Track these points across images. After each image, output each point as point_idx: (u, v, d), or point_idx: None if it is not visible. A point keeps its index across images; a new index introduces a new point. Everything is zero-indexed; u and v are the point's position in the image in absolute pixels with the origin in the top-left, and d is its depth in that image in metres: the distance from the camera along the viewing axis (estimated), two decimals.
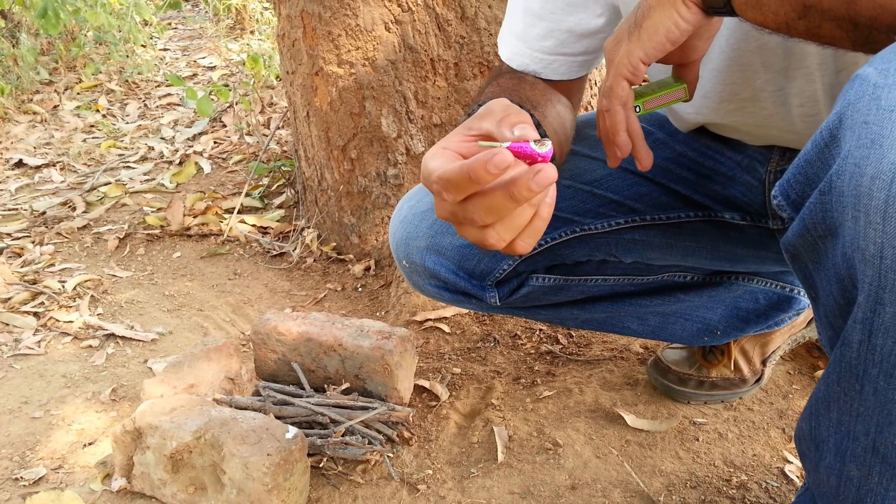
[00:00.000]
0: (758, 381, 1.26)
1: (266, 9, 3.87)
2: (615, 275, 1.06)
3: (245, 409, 1.17)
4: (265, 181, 2.26)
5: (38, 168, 2.54)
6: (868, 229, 0.52)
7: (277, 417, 1.15)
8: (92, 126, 2.95)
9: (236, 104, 2.79)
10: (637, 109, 0.76)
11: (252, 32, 3.89)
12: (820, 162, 0.57)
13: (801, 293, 1.17)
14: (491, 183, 0.54)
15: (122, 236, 2.01)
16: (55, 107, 3.13)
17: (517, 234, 0.58)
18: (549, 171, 0.54)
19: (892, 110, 0.51)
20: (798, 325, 1.26)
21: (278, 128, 2.45)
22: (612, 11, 0.89)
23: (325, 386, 1.24)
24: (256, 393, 1.26)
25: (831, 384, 0.63)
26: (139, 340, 1.56)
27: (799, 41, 0.64)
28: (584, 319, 1.14)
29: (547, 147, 0.56)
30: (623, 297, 1.10)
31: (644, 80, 0.78)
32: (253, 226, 2.04)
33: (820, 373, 1.30)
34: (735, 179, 0.98)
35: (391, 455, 1.17)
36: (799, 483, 1.09)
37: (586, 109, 1.71)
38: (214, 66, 3.53)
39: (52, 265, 1.88)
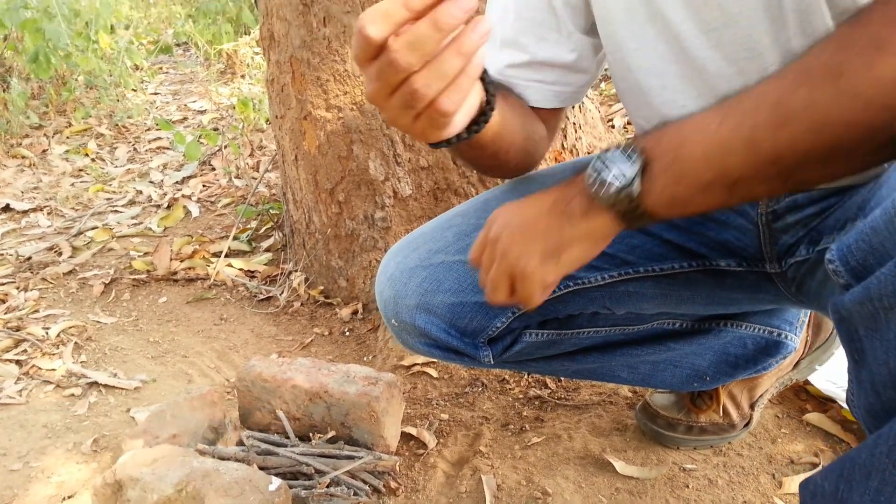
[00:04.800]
0: (746, 425, 1.25)
1: (256, 54, 3.92)
2: (606, 326, 1.06)
3: (228, 459, 1.15)
4: (253, 224, 2.26)
5: (25, 213, 2.54)
6: None
7: (261, 468, 1.13)
8: (81, 170, 2.95)
9: (225, 147, 2.80)
10: None
11: (242, 77, 3.93)
12: (888, 232, 0.56)
13: (789, 337, 1.17)
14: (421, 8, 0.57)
15: (107, 281, 2.00)
16: (44, 151, 3.14)
17: (445, 84, 0.60)
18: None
19: None
20: (785, 369, 1.26)
21: (267, 171, 2.46)
22: (584, 47, 0.92)
23: (311, 434, 1.22)
24: (240, 442, 1.24)
25: (879, 456, 0.61)
26: (122, 388, 1.54)
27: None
28: (575, 370, 1.13)
29: None
30: (614, 348, 1.09)
31: None
32: (240, 269, 2.03)
33: (809, 416, 1.29)
34: (728, 223, 0.98)
35: None
36: None
37: (573, 152, 1.72)
38: (205, 110, 3.56)
39: (37, 311, 1.86)
